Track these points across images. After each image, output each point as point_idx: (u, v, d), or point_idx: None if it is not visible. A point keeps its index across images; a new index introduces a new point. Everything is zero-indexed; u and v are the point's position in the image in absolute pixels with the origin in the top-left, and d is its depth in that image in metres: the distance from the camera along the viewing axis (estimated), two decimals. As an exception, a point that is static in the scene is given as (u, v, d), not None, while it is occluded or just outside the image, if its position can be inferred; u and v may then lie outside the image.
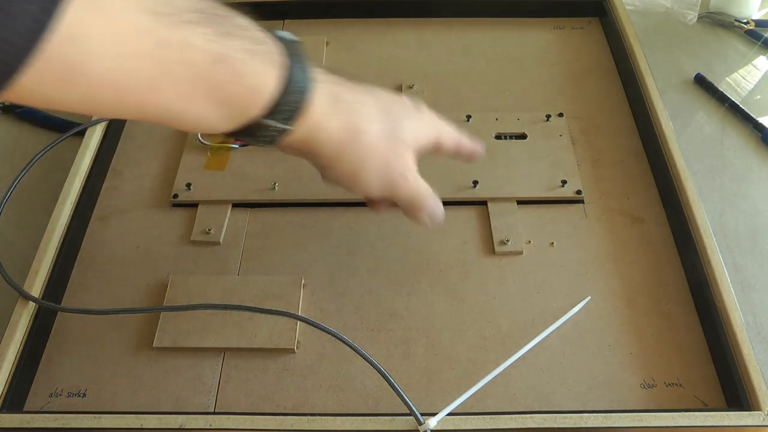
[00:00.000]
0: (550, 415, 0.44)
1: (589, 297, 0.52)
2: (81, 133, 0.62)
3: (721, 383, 0.48)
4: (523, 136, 0.64)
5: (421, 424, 0.43)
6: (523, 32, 0.76)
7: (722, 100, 0.71)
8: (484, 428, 0.43)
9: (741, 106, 0.70)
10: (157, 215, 0.59)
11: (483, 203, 0.59)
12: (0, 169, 0.66)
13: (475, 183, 0.59)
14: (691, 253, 0.53)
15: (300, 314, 0.51)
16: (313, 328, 0.48)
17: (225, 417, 0.44)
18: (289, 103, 0.37)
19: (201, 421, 0.44)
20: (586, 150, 0.63)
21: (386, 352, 0.50)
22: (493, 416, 0.44)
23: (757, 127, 0.68)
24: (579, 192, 0.59)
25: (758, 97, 0.72)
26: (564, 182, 0.59)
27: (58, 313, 0.52)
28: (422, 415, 0.43)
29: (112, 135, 0.65)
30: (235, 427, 0.44)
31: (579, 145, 0.64)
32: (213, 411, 0.47)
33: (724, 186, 0.63)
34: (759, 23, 0.80)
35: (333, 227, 0.58)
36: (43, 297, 0.51)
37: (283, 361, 0.49)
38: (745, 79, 0.74)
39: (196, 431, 0.43)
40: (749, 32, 0.79)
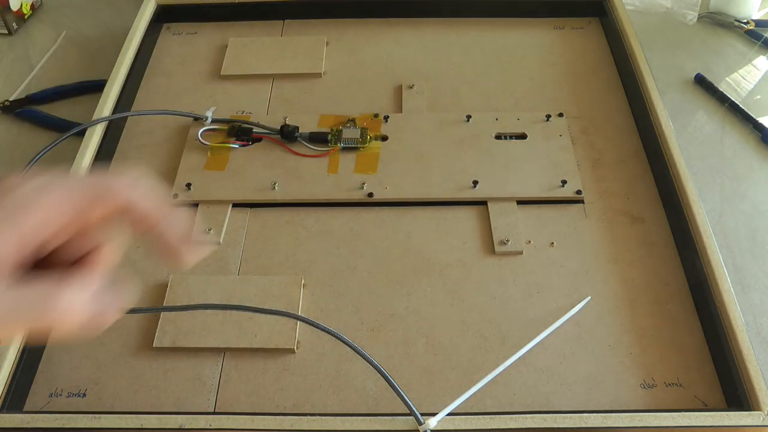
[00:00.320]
0: (550, 415, 0.44)
1: (589, 297, 0.52)
2: (81, 133, 0.62)
3: (721, 383, 0.48)
4: (523, 136, 0.64)
5: (421, 424, 0.43)
6: (523, 32, 0.76)
7: (722, 100, 0.71)
8: (484, 428, 0.43)
9: (741, 106, 0.70)
10: (157, 215, 0.59)
11: (483, 203, 0.59)
12: (0, 169, 0.66)
13: (475, 183, 0.59)
14: (691, 253, 0.53)
15: (300, 314, 0.51)
16: (313, 328, 0.48)
17: (225, 417, 0.44)
18: None
19: (201, 421, 0.44)
20: (586, 150, 0.63)
21: (386, 352, 0.50)
22: (493, 416, 0.44)
23: (757, 127, 0.68)
24: (579, 192, 0.59)
25: (758, 97, 0.72)
26: (564, 182, 0.59)
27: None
28: (422, 415, 0.43)
29: (112, 135, 0.65)
30: (235, 427, 0.44)
31: (579, 145, 0.64)
32: (213, 411, 0.47)
33: (724, 186, 0.63)
34: (759, 23, 0.80)
35: (333, 227, 0.58)
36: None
37: (283, 361, 0.49)
38: (745, 79, 0.74)
39: (196, 431, 0.43)
40: (749, 32, 0.79)
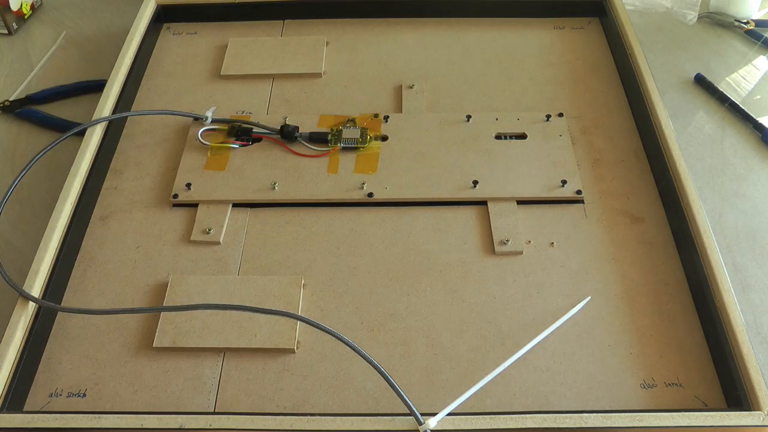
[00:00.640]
0: (550, 415, 0.44)
1: (589, 297, 0.52)
2: (81, 133, 0.62)
3: (721, 383, 0.48)
4: (523, 136, 0.64)
5: (421, 424, 0.43)
6: (523, 32, 0.76)
7: (722, 100, 0.71)
8: (484, 428, 0.43)
9: (741, 106, 0.70)
10: (157, 215, 0.59)
11: (483, 203, 0.59)
12: (0, 169, 0.66)
13: (475, 183, 0.59)
14: (691, 253, 0.53)
15: (300, 314, 0.51)
16: (313, 328, 0.48)
17: (225, 417, 0.44)
18: None
19: (201, 421, 0.44)
20: (586, 150, 0.63)
21: (386, 352, 0.50)
22: (493, 416, 0.44)
23: (757, 127, 0.68)
24: (579, 192, 0.59)
25: (758, 97, 0.72)
26: (564, 182, 0.59)
27: (58, 313, 0.52)
28: (422, 415, 0.43)
29: (112, 135, 0.65)
30: (235, 427, 0.44)
31: (579, 145, 0.64)
32: (213, 411, 0.47)
33: (724, 186, 0.63)
34: (759, 23, 0.80)
35: (333, 227, 0.58)
36: (43, 297, 0.51)
37: (283, 361, 0.49)
38: (745, 79, 0.74)
39: (196, 431, 0.43)
40: (749, 32, 0.79)
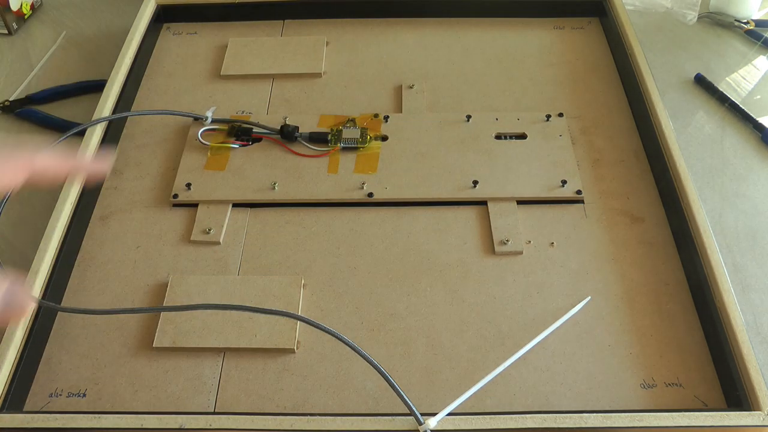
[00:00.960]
0: (550, 415, 0.44)
1: (589, 297, 0.52)
2: (81, 133, 0.62)
3: (721, 383, 0.48)
4: (523, 136, 0.64)
5: (421, 424, 0.43)
6: (523, 32, 0.76)
7: (722, 100, 0.71)
8: (484, 428, 0.43)
9: (741, 106, 0.70)
10: (157, 215, 0.59)
11: (483, 203, 0.59)
12: (0, 169, 0.66)
13: (475, 183, 0.59)
14: (691, 253, 0.53)
15: (300, 314, 0.51)
16: (313, 328, 0.48)
17: (225, 417, 0.44)
18: None
19: (201, 421, 0.44)
20: (586, 150, 0.63)
21: (386, 352, 0.50)
22: (493, 416, 0.44)
23: (757, 127, 0.68)
24: (579, 192, 0.59)
25: (758, 97, 0.72)
26: (564, 182, 0.59)
27: (58, 313, 0.52)
28: (422, 415, 0.43)
29: (112, 135, 0.65)
30: (235, 427, 0.44)
31: (579, 145, 0.64)
32: (213, 411, 0.47)
33: (724, 186, 0.63)
34: (759, 23, 0.80)
35: (333, 227, 0.58)
36: (43, 297, 0.51)
37: (283, 361, 0.49)
38: (745, 79, 0.74)
39: (196, 431, 0.43)
40: (749, 32, 0.79)
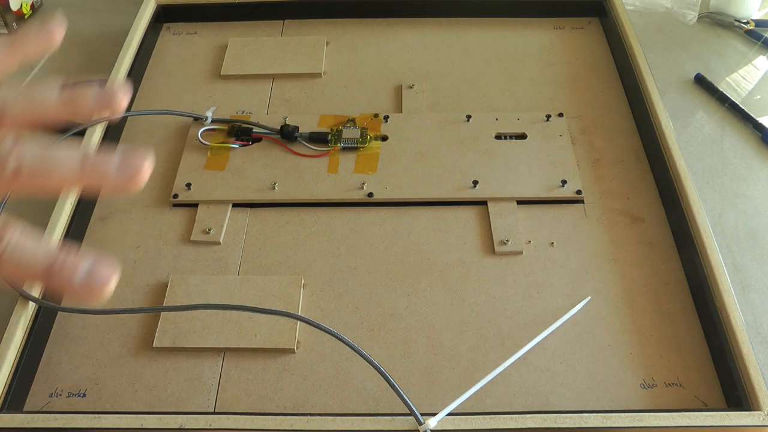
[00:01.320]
0: (550, 415, 0.44)
1: (589, 297, 0.52)
2: (81, 133, 0.62)
3: (721, 383, 0.48)
4: (523, 136, 0.64)
5: (421, 424, 0.43)
6: (523, 32, 0.76)
7: (722, 100, 0.71)
8: (484, 428, 0.43)
9: (741, 106, 0.70)
10: (157, 215, 0.59)
11: (483, 203, 0.59)
12: (0, 169, 0.66)
13: (475, 183, 0.59)
14: (691, 253, 0.53)
15: (300, 314, 0.51)
16: (313, 328, 0.48)
17: (225, 417, 0.44)
18: None
19: (201, 421, 0.44)
20: (586, 150, 0.63)
21: (386, 352, 0.50)
22: (493, 416, 0.44)
23: (757, 127, 0.68)
24: (579, 192, 0.59)
25: (758, 97, 0.72)
26: (564, 182, 0.59)
27: (58, 313, 0.52)
28: (422, 415, 0.43)
29: (112, 135, 0.65)
30: (235, 427, 0.44)
31: (579, 145, 0.64)
32: (213, 411, 0.47)
33: (724, 186, 0.63)
34: (759, 23, 0.80)
35: (333, 227, 0.58)
36: (43, 297, 0.51)
37: (283, 361, 0.49)
38: (745, 79, 0.74)
39: (196, 431, 0.43)
40: (749, 32, 0.79)
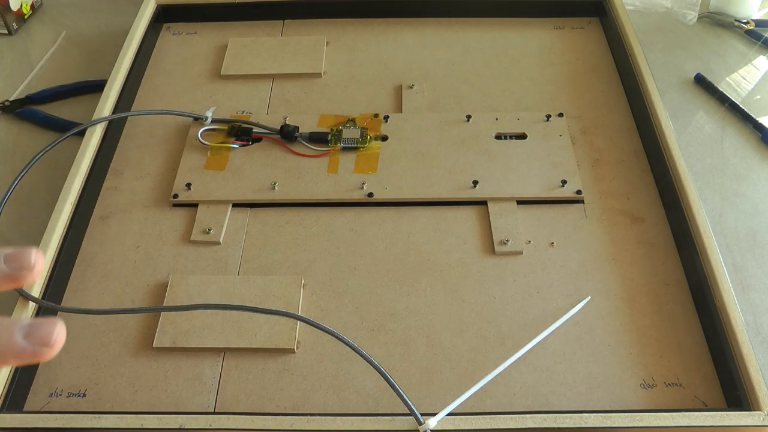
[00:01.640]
0: (550, 415, 0.44)
1: (589, 297, 0.52)
2: (81, 133, 0.62)
3: (721, 383, 0.48)
4: (523, 136, 0.64)
5: (421, 424, 0.43)
6: (523, 32, 0.76)
7: (722, 100, 0.71)
8: (484, 428, 0.43)
9: (741, 106, 0.70)
10: (157, 215, 0.59)
11: (483, 203, 0.59)
12: (0, 169, 0.66)
13: (475, 183, 0.59)
14: (691, 253, 0.53)
15: (300, 314, 0.51)
16: (313, 328, 0.48)
17: (225, 417, 0.44)
18: None
19: (201, 421, 0.44)
20: (586, 150, 0.63)
21: (386, 352, 0.50)
22: (493, 416, 0.44)
23: (757, 127, 0.68)
24: (579, 192, 0.59)
25: (758, 97, 0.72)
26: (564, 182, 0.59)
27: (58, 313, 0.52)
28: (422, 415, 0.43)
29: (112, 135, 0.65)
30: (235, 427, 0.44)
31: (579, 145, 0.64)
32: (213, 411, 0.47)
33: (724, 186, 0.63)
34: (759, 23, 0.80)
35: (333, 227, 0.58)
36: (43, 297, 0.51)
37: (283, 361, 0.49)
38: (745, 79, 0.74)
39: (196, 431, 0.43)
40: (749, 32, 0.79)
